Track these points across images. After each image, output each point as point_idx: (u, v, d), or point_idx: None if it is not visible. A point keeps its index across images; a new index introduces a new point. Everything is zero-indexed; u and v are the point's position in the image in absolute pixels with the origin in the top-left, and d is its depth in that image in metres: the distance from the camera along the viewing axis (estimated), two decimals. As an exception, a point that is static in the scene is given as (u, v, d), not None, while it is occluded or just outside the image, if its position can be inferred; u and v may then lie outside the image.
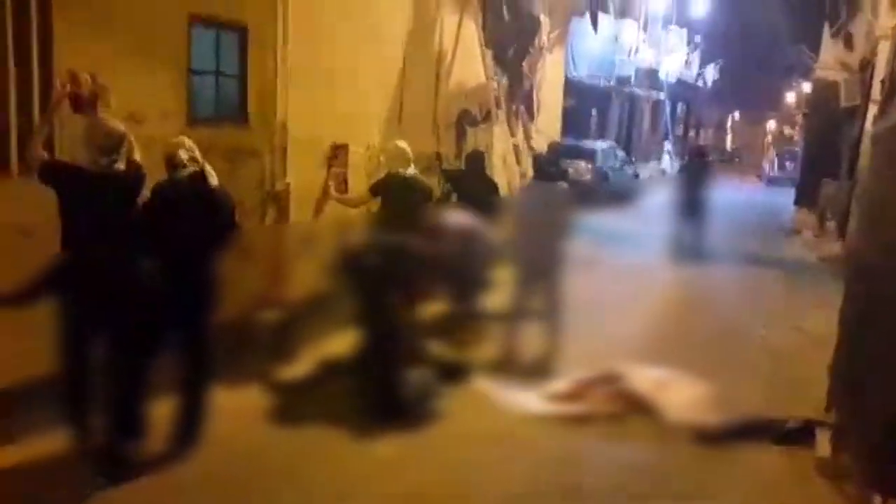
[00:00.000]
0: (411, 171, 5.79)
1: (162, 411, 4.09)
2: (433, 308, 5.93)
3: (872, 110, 11.63)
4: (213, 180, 4.05)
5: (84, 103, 4.23)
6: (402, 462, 4.24)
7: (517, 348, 5.93)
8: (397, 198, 5.73)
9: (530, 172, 7.66)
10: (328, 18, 7.21)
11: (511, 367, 5.72)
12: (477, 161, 7.10)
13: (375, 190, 5.92)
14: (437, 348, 5.74)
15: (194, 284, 4.06)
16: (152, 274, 3.86)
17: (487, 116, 10.43)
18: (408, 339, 5.18)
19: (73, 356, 3.82)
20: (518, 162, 10.89)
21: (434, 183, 6.88)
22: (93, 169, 3.71)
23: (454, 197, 6.97)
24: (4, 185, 4.59)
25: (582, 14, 15.11)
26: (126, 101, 4.66)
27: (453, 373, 5.49)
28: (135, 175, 3.87)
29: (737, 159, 42.51)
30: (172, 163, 4.02)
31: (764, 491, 4.28)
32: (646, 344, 6.64)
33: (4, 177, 4.59)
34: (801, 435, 4.78)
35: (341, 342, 5.52)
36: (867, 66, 13.51)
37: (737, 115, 47.32)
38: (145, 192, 3.94)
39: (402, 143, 5.89)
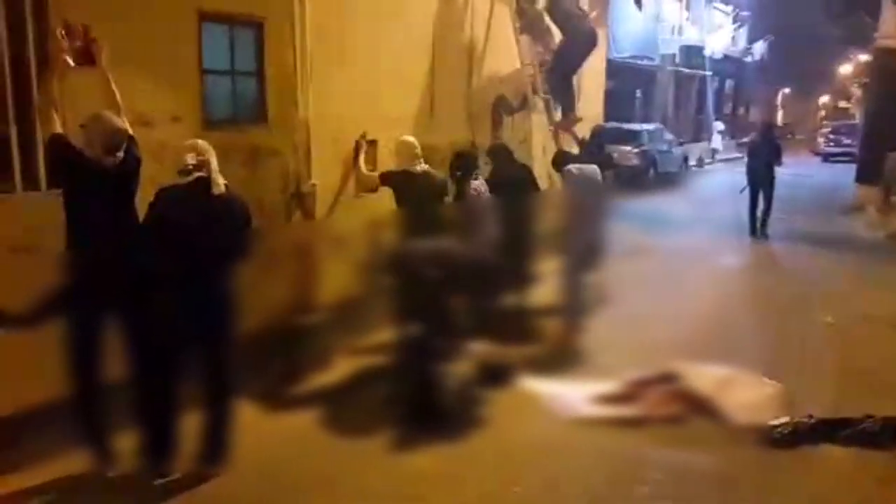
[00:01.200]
0: (422, 166, 5.42)
1: (189, 427, 3.92)
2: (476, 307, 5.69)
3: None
4: (218, 188, 3.81)
5: (82, 56, 4.08)
6: (444, 475, 3.97)
7: (565, 345, 5.66)
8: (410, 196, 5.37)
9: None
10: (349, 6, 6.91)
11: (559, 367, 5.43)
12: (500, 154, 6.70)
13: (385, 180, 5.57)
14: (480, 349, 5.46)
15: (207, 296, 3.85)
16: (160, 281, 3.72)
17: (524, 103, 10.03)
18: (451, 341, 4.97)
19: (85, 373, 3.74)
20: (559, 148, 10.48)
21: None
22: (95, 163, 3.70)
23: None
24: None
25: (623, -7, 14.66)
26: (134, 104, 4.42)
27: (498, 375, 5.22)
28: (132, 164, 3.85)
29: (789, 135, 41.27)
30: (179, 168, 3.81)
31: (839, 498, 3.90)
32: (703, 337, 6.25)
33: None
34: (879, 436, 4.39)
35: (378, 346, 5.32)
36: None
37: (787, 90, 45.86)
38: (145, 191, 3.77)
39: (409, 138, 5.53)
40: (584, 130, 9.45)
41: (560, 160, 7.30)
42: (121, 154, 3.78)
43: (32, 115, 4.47)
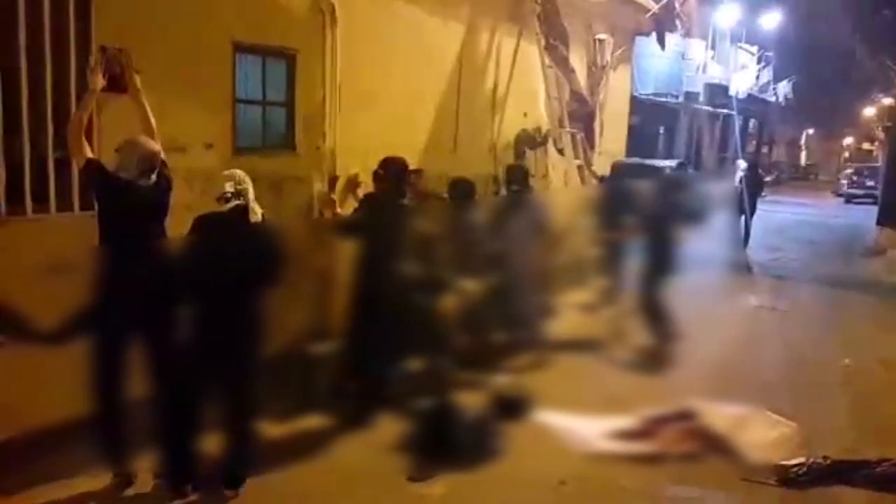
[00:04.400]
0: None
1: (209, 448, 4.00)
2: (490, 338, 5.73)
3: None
4: (255, 216, 3.94)
5: (117, 82, 4.25)
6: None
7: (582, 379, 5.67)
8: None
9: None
10: (378, 42, 7.09)
11: (575, 401, 5.40)
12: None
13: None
14: (495, 380, 5.49)
15: (237, 321, 3.94)
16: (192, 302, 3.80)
17: (546, 138, 10.13)
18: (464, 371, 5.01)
19: (108, 391, 3.82)
20: (583, 184, 10.55)
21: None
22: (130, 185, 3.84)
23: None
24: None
25: (648, 33, 14.73)
26: (169, 130, 4.58)
27: (513, 407, 5.21)
28: (164, 186, 3.99)
29: (812, 176, 41.06)
30: (218, 195, 3.95)
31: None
32: (721, 375, 6.22)
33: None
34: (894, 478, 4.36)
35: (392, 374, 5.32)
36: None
37: (811, 130, 45.74)
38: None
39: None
40: (605, 166, 9.52)
41: None
42: (154, 177, 3.91)
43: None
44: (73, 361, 3.73)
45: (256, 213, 3.99)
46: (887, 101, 24.59)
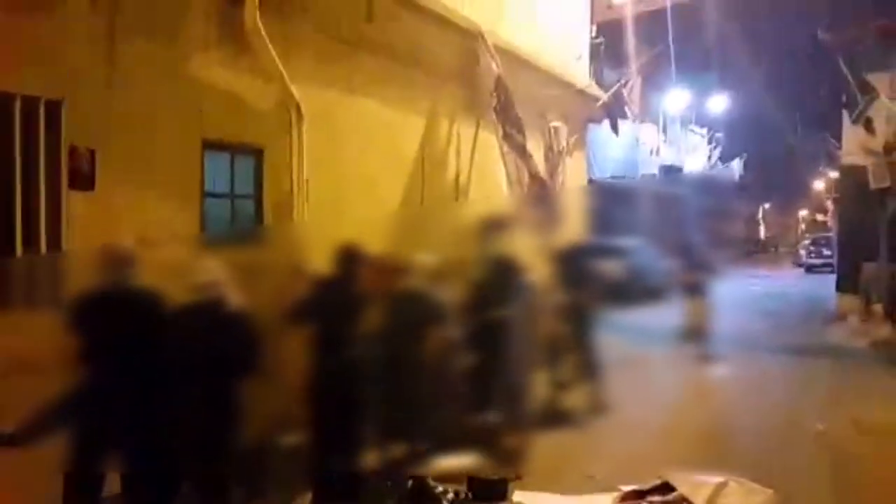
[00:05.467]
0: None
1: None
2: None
3: (904, 190, 11.44)
4: (230, 307, 3.97)
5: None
6: None
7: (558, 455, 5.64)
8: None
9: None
10: (343, 136, 7.32)
11: (553, 479, 5.37)
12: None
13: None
14: (473, 462, 5.44)
15: (212, 413, 3.91)
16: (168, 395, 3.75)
17: (510, 221, 10.35)
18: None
19: (83, 494, 3.75)
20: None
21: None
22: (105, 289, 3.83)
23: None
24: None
25: (600, 121, 15.38)
26: (139, 225, 4.65)
27: (491, 491, 5.15)
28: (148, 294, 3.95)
29: (772, 249, 42.12)
30: (192, 286, 3.99)
31: None
32: (696, 445, 6.24)
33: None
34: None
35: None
36: (891, 149, 13.46)
37: (767, 205, 47.23)
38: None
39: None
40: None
41: None
42: (128, 278, 3.93)
43: (39, 237, 4.67)
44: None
45: (230, 303, 4.03)
46: (833, 173, 25.65)
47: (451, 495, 5.01)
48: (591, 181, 16.68)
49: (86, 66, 4.95)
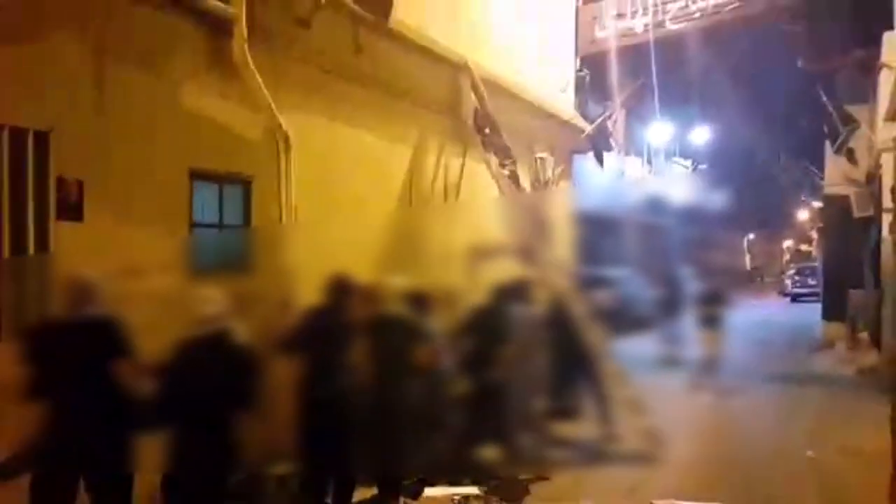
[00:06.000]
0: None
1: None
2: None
3: (887, 219, 11.56)
4: (237, 338, 3.90)
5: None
6: None
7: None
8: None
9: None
10: (331, 164, 7.37)
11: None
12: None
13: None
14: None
15: (213, 445, 3.86)
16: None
17: (499, 249, 10.38)
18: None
19: None
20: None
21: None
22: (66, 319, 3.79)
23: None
24: None
25: (585, 153, 15.54)
26: (126, 255, 4.64)
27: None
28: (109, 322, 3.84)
29: (758, 279, 42.36)
30: (196, 318, 3.92)
31: None
32: (688, 472, 6.22)
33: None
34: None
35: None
36: (873, 178, 13.66)
37: (752, 235, 47.62)
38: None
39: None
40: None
41: None
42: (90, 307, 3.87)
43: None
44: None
45: (237, 334, 3.93)
46: (816, 203, 25.97)
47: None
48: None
49: (74, 96, 4.98)
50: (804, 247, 46.40)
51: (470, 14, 10.43)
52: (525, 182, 11.37)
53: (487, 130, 10.06)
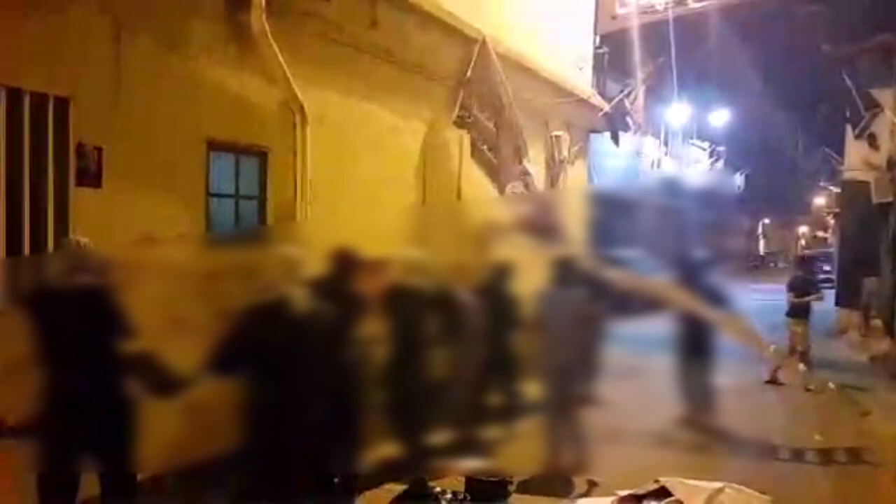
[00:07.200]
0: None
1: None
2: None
3: (907, 204, 11.48)
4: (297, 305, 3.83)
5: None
6: None
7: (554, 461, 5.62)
8: None
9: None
10: (346, 138, 7.40)
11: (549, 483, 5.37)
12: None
13: None
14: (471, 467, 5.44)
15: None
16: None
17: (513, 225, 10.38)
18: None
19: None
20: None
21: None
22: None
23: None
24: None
25: (601, 131, 15.44)
26: (144, 223, 4.70)
27: (489, 494, 5.17)
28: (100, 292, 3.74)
29: (771, 264, 42.14)
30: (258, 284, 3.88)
31: None
32: (693, 451, 6.23)
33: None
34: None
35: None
36: (894, 164, 13.51)
37: (767, 220, 47.26)
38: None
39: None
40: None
41: None
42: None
43: (46, 234, 4.71)
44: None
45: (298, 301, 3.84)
46: (834, 189, 25.73)
47: (448, 495, 5.02)
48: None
49: (93, 65, 5.01)
50: (820, 233, 46.00)
51: (488, -12, 10.35)
52: (539, 161, 11.33)
53: (469, 110, 9.81)
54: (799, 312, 10.53)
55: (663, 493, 5.15)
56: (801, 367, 9.86)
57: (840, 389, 9.24)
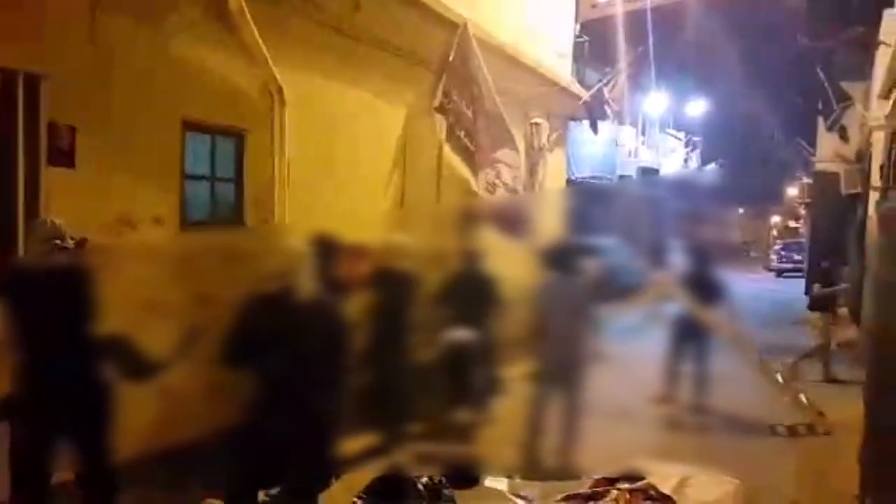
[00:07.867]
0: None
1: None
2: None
3: (874, 197, 11.67)
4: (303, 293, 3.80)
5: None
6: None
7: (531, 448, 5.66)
8: None
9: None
10: (326, 121, 7.34)
11: (525, 468, 5.41)
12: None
13: None
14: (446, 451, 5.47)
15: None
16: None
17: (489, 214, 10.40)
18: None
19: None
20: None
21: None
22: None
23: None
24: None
25: (580, 119, 15.47)
26: (118, 205, 4.63)
27: (463, 476, 5.19)
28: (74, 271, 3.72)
29: (744, 253, 42.69)
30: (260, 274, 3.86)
31: None
32: (665, 435, 6.32)
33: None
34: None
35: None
36: (863, 156, 13.73)
37: (742, 210, 47.83)
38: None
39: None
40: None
41: None
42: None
43: (16, 210, 4.62)
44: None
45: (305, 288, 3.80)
46: (806, 180, 26.12)
47: (424, 480, 5.04)
48: (569, 181, 16.78)
49: (68, 42, 4.91)
50: (792, 223, 46.69)
51: (470, -26, 10.28)
52: (519, 148, 11.33)
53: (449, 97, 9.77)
54: (822, 306, 10.76)
55: (634, 476, 5.22)
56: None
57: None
